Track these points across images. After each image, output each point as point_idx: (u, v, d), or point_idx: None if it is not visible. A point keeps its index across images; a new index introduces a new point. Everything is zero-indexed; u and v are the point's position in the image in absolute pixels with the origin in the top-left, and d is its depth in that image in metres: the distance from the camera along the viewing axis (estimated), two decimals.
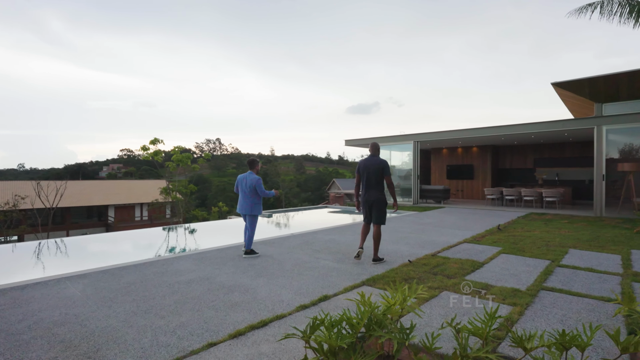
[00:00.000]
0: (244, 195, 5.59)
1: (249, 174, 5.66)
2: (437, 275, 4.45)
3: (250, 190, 5.55)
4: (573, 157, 15.87)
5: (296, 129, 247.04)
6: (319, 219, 12.18)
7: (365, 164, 5.27)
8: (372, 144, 5.40)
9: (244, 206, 5.60)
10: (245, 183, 5.60)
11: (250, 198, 5.57)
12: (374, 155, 5.34)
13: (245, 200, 5.58)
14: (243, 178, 5.67)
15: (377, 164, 5.20)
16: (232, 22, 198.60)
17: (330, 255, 5.54)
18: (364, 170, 5.26)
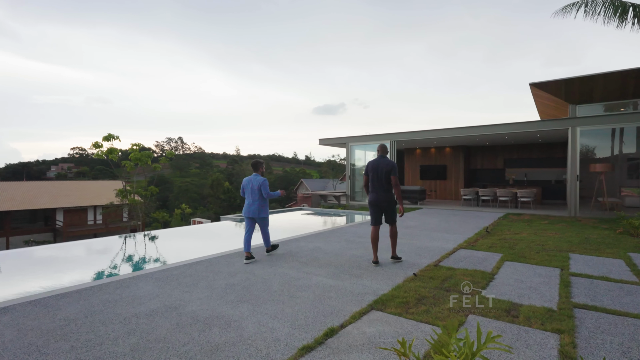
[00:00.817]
0: (251, 198, 5.46)
1: (254, 177, 5.54)
2: (451, 291, 3.85)
3: (257, 192, 5.44)
4: (540, 158, 16.29)
5: (262, 129, 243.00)
6: (296, 224, 11.39)
7: (374, 165, 5.21)
8: (381, 145, 5.35)
9: (252, 209, 5.46)
10: (251, 186, 5.47)
11: (258, 201, 5.45)
12: (383, 157, 5.28)
13: (252, 204, 5.45)
14: (248, 181, 5.53)
15: (386, 165, 5.15)
16: (194, 17, 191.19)
17: (321, 269, 4.79)
18: (373, 171, 5.21)
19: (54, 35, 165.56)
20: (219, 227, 10.27)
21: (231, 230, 9.72)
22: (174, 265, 4.96)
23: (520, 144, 16.40)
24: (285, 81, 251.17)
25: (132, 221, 24.35)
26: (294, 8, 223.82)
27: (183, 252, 7.02)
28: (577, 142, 10.63)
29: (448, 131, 13.27)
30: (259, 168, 5.61)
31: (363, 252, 5.88)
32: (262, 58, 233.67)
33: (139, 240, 8.54)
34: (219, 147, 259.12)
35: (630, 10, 7.60)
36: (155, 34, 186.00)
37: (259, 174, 5.57)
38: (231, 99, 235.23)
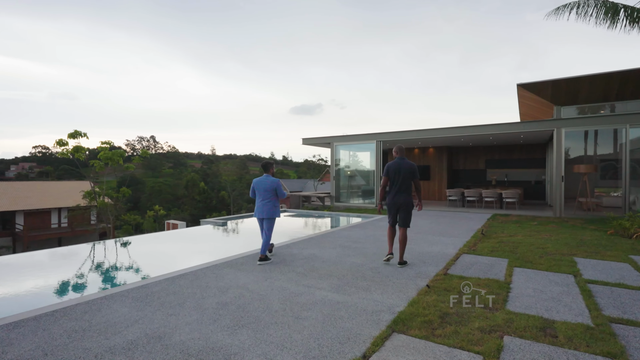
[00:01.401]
0: (263, 199, 5.37)
1: (265, 177, 5.43)
2: (471, 306, 3.48)
3: (271, 193, 5.36)
4: (521, 159, 16.55)
5: (238, 128, 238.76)
6: (281, 227, 10.84)
7: (396, 166, 5.13)
8: (399, 146, 5.27)
9: (264, 210, 5.37)
10: (263, 187, 5.36)
11: (270, 201, 5.38)
12: (403, 158, 5.21)
13: (264, 204, 5.37)
14: (259, 182, 5.42)
15: (409, 167, 5.13)
16: (168, 13, 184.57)
17: (323, 281, 4.31)
18: (395, 173, 5.14)
19: (13, 27, 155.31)
20: (199, 232, 9.56)
21: (213, 236, 9.05)
22: (154, 280, 4.32)
23: (502, 145, 16.59)
24: (262, 80, 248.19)
25: (101, 224, 22.87)
26: (272, 8, 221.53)
27: (163, 263, 6.34)
28: (562, 143, 10.72)
29: (435, 131, 13.14)
30: (270, 169, 5.52)
31: (363, 259, 5.45)
32: (238, 57, 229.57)
33: (110, 248, 7.72)
34: (193, 146, 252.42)
35: (622, 12, 7.61)
36: (126, 30, 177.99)
37: (270, 175, 5.47)
38: (206, 97, 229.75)
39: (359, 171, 15.85)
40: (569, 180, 15.53)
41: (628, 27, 7.45)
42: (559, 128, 10.73)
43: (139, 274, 5.73)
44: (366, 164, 15.52)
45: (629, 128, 9.93)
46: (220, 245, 8.02)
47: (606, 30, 7.71)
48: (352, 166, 16.06)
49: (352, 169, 15.94)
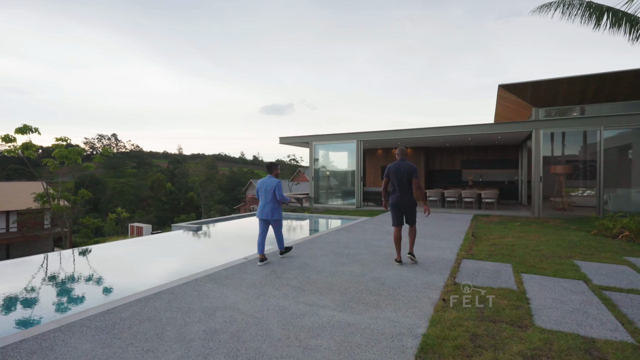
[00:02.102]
0: (264, 199, 5.40)
1: (268, 178, 5.47)
2: (497, 322, 3.11)
3: (272, 194, 5.36)
4: (495, 160, 16.87)
5: (207, 127, 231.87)
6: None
7: (396, 168, 5.27)
8: (400, 149, 5.41)
9: (265, 211, 5.38)
10: (265, 187, 5.39)
11: (271, 202, 5.38)
12: (403, 159, 5.34)
13: (266, 206, 5.38)
14: (263, 182, 5.45)
15: (408, 168, 5.24)
16: (130, 8, 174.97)
17: (324, 297, 3.79)
18: (395, 174, 5.27)
19: None
20: (171, 238, 8.69)
21: (188, 243, 8.25)
22: (124, 303, 3.60)
23: (477, 146, 16.83)
24: (232, 79, 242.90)
25: (56, 229, 20.96)
26: (243, 7, 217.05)
27: (132, 279, 5.53)
28: (540, 144, 10.86)
29: (415, 131, 12.98)
30: (274, 170, 5.55)
31: (361, 268, 4.98)
32: (207, 54, 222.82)
33: (67, 260, 6.75)
34: (159, 145, 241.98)
35: (606, 15, 7.68)
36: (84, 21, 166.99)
37: (273, 176, 5.51)
38: (173, 95, 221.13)
39: (339, 171, 15.46)
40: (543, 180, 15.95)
41: (614, 28, 7.51)
42: (537, 129, 10.87)
43: (104, 294, 4.91)
44: (346, 164, 15.16)
45: (603, 130, 10.21)
46: (197, 254, 7.27)
47: (591, 31, 7.75)
48: (331, 166, 15.65)
49: (331, 170, 15.51)
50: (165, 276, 5.30)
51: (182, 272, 5.17)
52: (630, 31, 7.62)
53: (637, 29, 7.55)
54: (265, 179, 5.49)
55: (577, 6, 7.87)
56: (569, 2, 7.96)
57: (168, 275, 5.39)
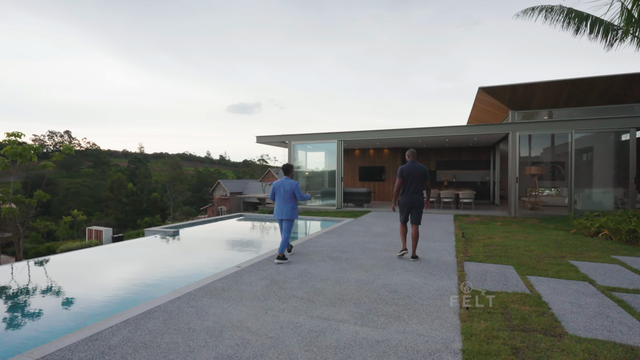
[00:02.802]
0: (283, 200, 5.52)
1: (285, 180, 5.58)
2: (529, 332, 2.95)
3: (289, 195, 5.51)
4: (468, 161, 17.35)
5: (171, 125, 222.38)
6: (251, 237, 9.71)
7: (410, 169, 5.55)
8: (411, 151, 5.70)
9: (284, 211, 5.52)
10: (283, 188, 5.52)
11: (290, 203, 5.53)
12: (414, 162, 5.62)
13: (285, 206, 5.51)
14: (280, 184, 5.57)
15: (421, 170, 5.54)
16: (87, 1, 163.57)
17: (339, 309, 3.47)
18: (409, 176, 5.55)
19: None
20: (146, 245, 7.96)
21: (166, 249, 7.58)
22: (109, 326, 3.06)
23: (452, 147, 17.23)
24: (197, 76, 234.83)
25: (5, 234, 18.95)
26: (208, 2, 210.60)
27: (113, 293, 4.88)
28: (517, 146, 11.20)
29: (395, 132, 12.98)
30: (290, 172, 5.72)
31: (366, 274, 4.72)
32: (170, 50, 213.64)
33: (22, 272, 5.91)
34: (117, 143, 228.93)
35: (584, 22, 7.98)
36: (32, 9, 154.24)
37: (289, 177, 5.65)
38: (133, 91, 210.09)
39: (318, 172, 15.17)
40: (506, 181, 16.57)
41: (592, 35, 7.82)
42: (514, 132, 11.21)
43: (83, 313, 4.26)
44: (325, 164, 14.90)
45: (574, 133, 10.70)
46: (180, 262, 6.66)
47: (572, 37, 8.02)
48: (311, 166, 15.33)
49: (310, 170, 15.19)
50: (150, 290, 4.74)
51: (169, 284, 4.65)
52: (605, 38, 7.95)
53: (612, 36, 7.88)
54: (282, 180, 5.59)
55: (559, 12, 8.09)
56: (551, 8, 8.18)
57: (153, 288, 4.83)
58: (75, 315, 4.10)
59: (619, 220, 7.57)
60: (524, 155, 12.75)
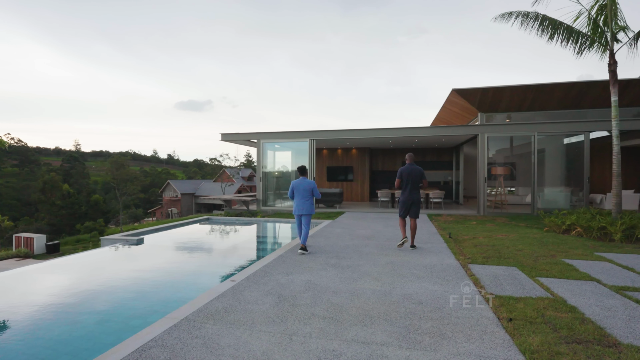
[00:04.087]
0: (302, 198, 6.07)
1: (302, 180, 6.15)
2: (584, 343, 2.76)
3: (308, 193, 6.07)
4: (432, 162, 17.84)
5: (112, 121, 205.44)
6: (226, 242, 8.88)
7: (408, 170, 6.29)
8: (410, 154, 6.45)
9: (304, 208, 6.05)
10: (302, 187, 6.08)
11: (308, 200, 6.08)
12: (412, 164, 6.36)
13: (304, 203, 6.06)
14: (298, 183, 6.12)
15: (418, 172, 6.30)
16: None
17: (373, 329, 3.04)
18: (407, 177, 6.28)
19: None
20: (102, 258, 6.85)
21: (133, 261, 6.57)
22: None
23: (418, 148, 17.58)
24: (141, 69, 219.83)
25: None
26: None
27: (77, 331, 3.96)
28: (485, 147, 11.60)
29: (367, 132, 12.85)
30: (306, 172, 6.34)
31: (376, 283, 4.33)
32: (109, 39, 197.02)
33: None
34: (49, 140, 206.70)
35: (554, 30, 8.35)
36: None
37: (305, 178, 6.24)
38: (68, 82, 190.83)
39: (289, 172, 14.57)
40: (472, 181, 17.30)
41: (564, 42, 8.19)
42: (482, 133, 11.58)
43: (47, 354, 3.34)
44: (296, 164, 14.35)
45: (537, 135, 11.31)
46: (156, 277, 5.75)
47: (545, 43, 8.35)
48: (281, 166, 14.69)
49: (280, 170, 14.56)
50: (136, 317, 3.92)
51: (155, 307, 3.88)
52: (575, 45, 8.36)
53: (581, 44, 8.31)
54: (299, 180, 6.18)
55: (534, 18, 8.36)
56: (527, 14, 8.42)
57: (134, 313, 4.01)
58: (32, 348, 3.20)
59: (588, 218, 8.02)
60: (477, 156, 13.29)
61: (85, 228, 33.25)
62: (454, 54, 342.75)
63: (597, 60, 8.20)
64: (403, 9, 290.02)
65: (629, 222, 7.29)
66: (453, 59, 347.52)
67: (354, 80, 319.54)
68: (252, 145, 15.21)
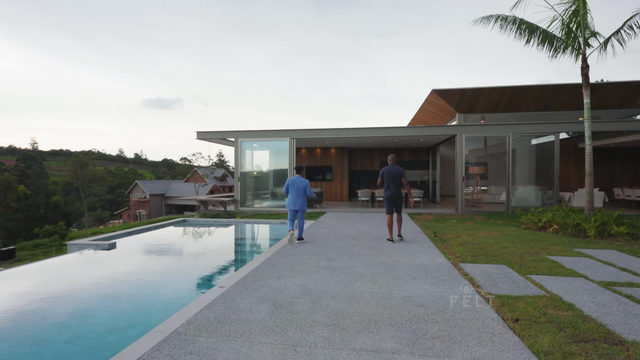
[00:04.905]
0: (296, 195, 6.74)
1: (298, 178, 6.78)
2: (591, 342, 2.75)
3: (302, 191, 6.74)
4: (409, 161, 18.08)
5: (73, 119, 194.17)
6: (208, 245, 8.45)
7: (389, 171, 6.84)
8: (392, 156, 7.04)
9: (297, 203, 6.74)
10: (296, 185, 6.72)
11: (301, 197, 6.75)
12: (394, 165, 6.92)
13: (297, 199, 6.74)
14: (294, 181, 6.76)
15: (399, 171, 6.85)
16: None
17: (380, 335, 2.89)
18: (388, 176, 6.83)
19: None
20: (69, 265, 6.27)
21: (104, 268, 6.06)
22: None
23: (395, 148, 17.76)
24: (105, 64, 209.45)
25: None
26: None
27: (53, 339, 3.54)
28: (463, 147, 11.84)
29: (348, 131, 12.78)
30: (302, 171, 6.96)
31: (372, 286, 4.20)
32: (70, 32, 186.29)
33: None
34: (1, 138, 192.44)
35: (531, 33, 8.61)
36: None
37: (301, 176, 6.85)
38: (23, 76, 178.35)
39: (267, 172, 14.23)
40: (448, 180, 17.70)
41: (540, 46, 8.46)
42: (460, 133, 11.82)
43: None
44: (275, 163, 14.04)
45: (511, 136, 11.69)
46: (136, 288, 5.31)
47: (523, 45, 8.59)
48: (259, 165, 14.32)
49: (259, 169, 14.19)
50: (105, 329, 3.54)
51: (128, 320, 3.54)
52: (550, 47, 8.65)
53: (556, 48, 8.61)
54: (295, 178, 6.77)
55: (512, 22, 8.56)
56: (506, 18, 8.61)
57: (110, 327, 3.63)
58: None
59: (563, 216, 8.33)
60: (453, 156, 13.63)
61: (44, 232, 31.08)
62: (424, 57, 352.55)
63: (571, 64, 8.54)
64: (375, 12, 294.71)
65: (602, 219, 7.63)
66: (423, 62, 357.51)
67: (328, 80, 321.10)
68: (229, 144, 14.75)
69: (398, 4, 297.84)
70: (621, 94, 13.10)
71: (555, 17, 8.52)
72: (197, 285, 5.13)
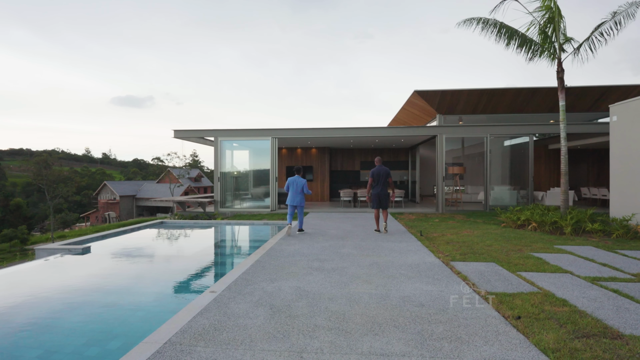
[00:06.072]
0: (295, 192, 7.67)
1: (297, 178, 7.72)
2: (593, 337, 2.79)
3: (300, 189, 7.68)
4: (389, 162, 18.28)
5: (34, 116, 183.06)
6: (191, 248, 8.12)
7: (378, 171, 7.68)
8: (378, 158, 7.93)
9: (295, 200, 7.68)
10: (296, 184, 7.67)
11: (299, 194, 7.71)
12: (381, 166, 7.76)
13: (296, 196, 7.67)
14: (294, 180, 7.71)
15: (386, 171, 7.68)
16: None
17: (386, 338, 2.81)
18: (377, 176, 7.68)
19: None
20: (38, 272, 5.80)
21: (78, 274, 5.64)
22: None
23: (376, 148, 17.90)
24: (69, 59, 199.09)
25: None
26: None
27: None
28: (443, 147, 12.07)
29: (331, 131, 12.73)
30: (301, 172, 7.83)
31: (369, 287, 4.13)
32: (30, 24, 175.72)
33: None
34: None
35: (510, 37, 8.88)
36: None
37: (299, 176, 7.74)
38: None
39: (248, 171, 13.92)
40: (427, 181, 18.01)
41: (519, 48, 8.73)
42: (441, 134, 12.04)
43: None
44: (255, 163, 13.76)
45: (489, 137, 12.03)
46: (114, 295, 4.96)
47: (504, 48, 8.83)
48: (239, 165, 13.99)
49: (239, 169, 13.85)
50: (83, 341, 3.26)
51: (109, 331, 3.28)
52: (527, 50, 8.94)
53: (533, 51, 8.91)
54: (294, 177, 7.70)
55: (493, 25, 8.79)
56: (487, 21, 8.83)
57: (88, 339, 3.35)
58: None
59: (540, 214, 8.63)
60: (432, 157, 13.88)
61: (3, 236, 29.02)
62: (399, 60, 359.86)
63: (547, 67, 8.86)
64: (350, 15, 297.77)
65: (577, 217, 7.97)
66: (398, 65, 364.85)
67: (304, 81, 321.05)
68: (208, 143, 14.31)
69: (371, 6, 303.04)
70: (590, 97, 13.82)
71: (533, 22, 8.82)
72: (183, 290, 4.87)
